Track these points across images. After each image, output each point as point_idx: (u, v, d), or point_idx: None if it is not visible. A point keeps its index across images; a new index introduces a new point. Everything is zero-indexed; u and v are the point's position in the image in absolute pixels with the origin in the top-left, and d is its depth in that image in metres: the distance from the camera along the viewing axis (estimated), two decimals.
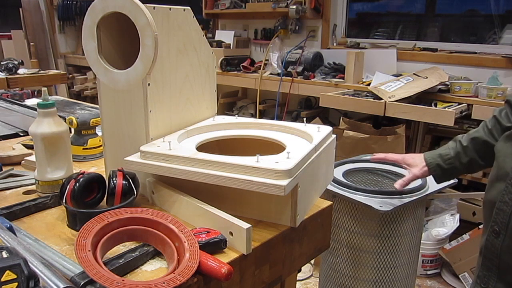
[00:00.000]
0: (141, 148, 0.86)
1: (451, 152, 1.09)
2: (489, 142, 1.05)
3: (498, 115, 1.07)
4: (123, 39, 0.95)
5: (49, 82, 3.01)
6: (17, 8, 4.84)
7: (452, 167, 1.08)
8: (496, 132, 1.05)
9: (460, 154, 1.07)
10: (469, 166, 1.08)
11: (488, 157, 1.05)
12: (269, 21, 3.83)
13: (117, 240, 0.72)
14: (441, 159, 1.08)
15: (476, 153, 1.06)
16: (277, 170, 0.75)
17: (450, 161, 1.08)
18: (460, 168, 1.08)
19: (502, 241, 0.89)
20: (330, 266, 1.69)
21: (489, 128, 1.08)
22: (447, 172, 1.08)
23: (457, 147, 1.09)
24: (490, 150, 1.03)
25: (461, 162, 1.07)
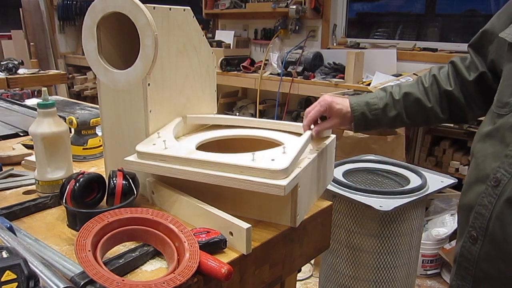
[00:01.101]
0: (137, 148, 0.86)
1: (379, 103, 0.98)
2: (421, 101, 0.98)
3: (438, 74, 1.00)
4: (123, 39, 0.95)
5: (49, 82, 3.01)
6: (17, 8, 4.84)
7: (376, 118, 0.98)
8: (432, 93, 0.98)
9: (388, 107, 0.98)
10: (393, 121, 0.99)
11: (415, 116, 0.99)
12: (269, 21, 3.83)
13: (117, 240, 0.72)
14: (367, 107, 0.97)
15: (404, 109, 0.98)
16: (272, 170, 0.75)
17: (376, 112, 0.97)
18: (383, 121, 0.98)
19: (480, 247, 0.82)
20: (330, 266, 1.69)
21: (425, 86, 0.99)
22: (369, 123, 0.98)
23: (387, 98, 0.99)
24: (420, 109, 0.98)
25: (386, 115, 0.98)
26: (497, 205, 0.79)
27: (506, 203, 0.78)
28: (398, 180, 1.72)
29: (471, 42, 0.98)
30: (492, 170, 0.81)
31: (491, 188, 0.81)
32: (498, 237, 0.79)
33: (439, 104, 0.98)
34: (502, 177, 0.78)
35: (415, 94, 0.98)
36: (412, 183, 1.62)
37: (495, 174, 0.80)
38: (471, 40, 0.98)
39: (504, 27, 0.86)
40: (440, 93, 0.98)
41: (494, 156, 0.82)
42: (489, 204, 0.80)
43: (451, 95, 0.98)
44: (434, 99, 0.98)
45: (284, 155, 0.81)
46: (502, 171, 0.79)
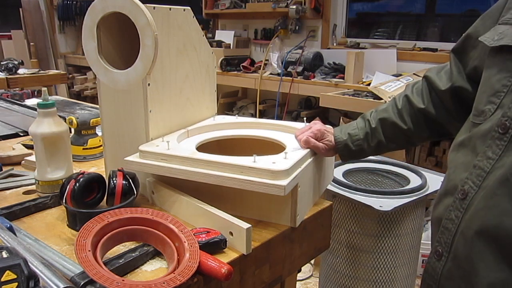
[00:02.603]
0: (140, 148, 0.86)
1: (360, 133, 0.97)
2: (397, 124, 0.96)
3: (410, 93, 0.98)
4: (123, 39, 0.95)
5: (49, 82, 3.01)
6: (17, 8, 4.84)
7: (360, 149, 0.97)
8: (406, 114, 0.96)
9: (368, 136, 0.97)
10: (377, 148, 0.98)
11: (396, 140, 0.98)
12: (269, 21, 3.83)
13: (117, 240, 0.72)
14: (350, 139, 0.97)
15: (383, 136, 0.97)
16: (273, 171, 0.75)
17: (358, 143, 0.97)
18: (367, 150, 0.98)
19: (443, 264, 0.78)
20: (330, 266, 1.69)
21: (399, 108, 0.97)
22: (353, 153, 0.97)
23: (366, 127, 0.98)
24: (398, 132, 0.96)
25: (369, 144, 0.97)
26: (463, 219, 0.74)
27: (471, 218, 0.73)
28: (398, 180, 1.72)
29: (454, 47, 0.95)
30: (460, 181, 0.76)
31: (458, 201, 0.76)
32: (460, 255, 0.74)
33: (415, 124, 0.96)
34: (469, 189, 0.74)
35: (390, 119, 0.97)
36: (412, 183, 1.62)
37: (462, 186, 0.75)
38: (455, 45, 0.95)
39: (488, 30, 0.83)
40: (415, 113, 0.96)
41: (464, 166, 0.77)
42: (455, 219, 0.76)
43: (425, 113, 0.95)
44: (410, 120, 0.96)
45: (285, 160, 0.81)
46: (470, 182, 0.74)
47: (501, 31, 0.76)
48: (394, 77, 2.76)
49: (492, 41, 0.77)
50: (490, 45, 0.77)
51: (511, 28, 0.75)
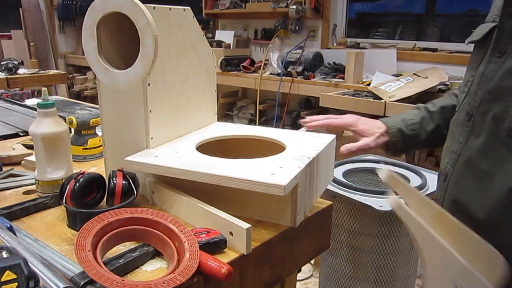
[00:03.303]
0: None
1: (415, 117, 0.95)
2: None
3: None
4: (123, 39, 0.95)
5: (49, 82, 3.01)
6: (17, 8, 4.84)
7: (414, 134, 0.93)
8: None
9: (425, 120, 0.95)
10: (432, 136, 0.95)
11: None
12: (269, 21, 3.83)
13: (117, 240, 0.72)
14: (403, 123, 0.93)
15: (442, 120, 0.94)
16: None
17: (413, 127, 0.93)
18: (423, 137, 0.94)
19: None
20: (330, 266, 1.69)
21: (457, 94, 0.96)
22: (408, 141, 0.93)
23: (422, 112, 0.96)
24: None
25: (425, 129, 0.94)
26: (445, 199, 0.82)
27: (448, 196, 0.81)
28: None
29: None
30: (443, 165, 0.85)
31: (441, 182, 0.84)
32: None
33: None
34: (448, 171, 0.82)
35: (451, 103, 0.95)
36: (412, 183, 1.62)
37: (444, 169, 0.84)
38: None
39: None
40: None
41: (446, 151, 0.86)
42: (440, 198, 0.84)
43: None
44: None
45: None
46: (448, 166, 0.83)
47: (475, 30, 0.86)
48: (394, 77, 2.76)
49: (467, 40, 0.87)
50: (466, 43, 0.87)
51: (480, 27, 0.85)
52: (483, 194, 0.76)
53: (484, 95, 0.76)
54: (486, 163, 0.75)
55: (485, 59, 0.80)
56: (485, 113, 0.76)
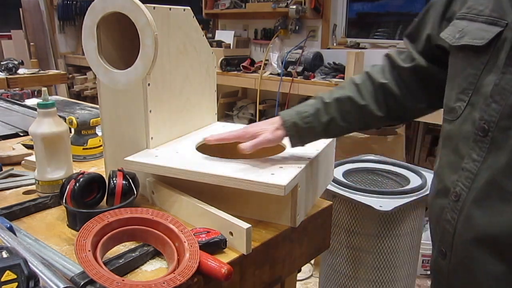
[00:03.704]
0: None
1: (310, 109, 0.90)
2: (354, 99, 0.89)
3: (370, 70, 0.94)
4: (123, 39, 0.95)
5: (49, 82, 3.01)
6: (17, 8, 4.84)
7: (309, 126, 0.89)
8: (365, 89, 0.90)
9: (319, 112, 0.89)
10: (327, 127, 0.90)
11: (349, 117, 0.90)
12: (269, 21, 3.83)
13: (117, 240, 0.72)
14: (298, 116, 0.89)
15: (337, 112, 0.89)
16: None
17: (308, 120, 0.89)
18: (318, 129, 0.89)
19: (448, 263, 0.80)
20: (330, 266, 1.69)
21: (357, 83, 0.91)
22: (302, 133, 0.89)
23: (317, 103, 0.91)
24: (354, 108, 0.89)
25: (320, 121, 0.89)
26: (459, 220, 0.77)
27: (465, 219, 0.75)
28: (398, 180, 1.72)
29: (406, 32, 0.93)
30: (451, 183, 0.78)
31: (452, 202, 0.78)
32: (460, 254, 0.78)
33: (374, 99, 0.90)
34: (461, 191, 0.76)
35: (346, 94, 0.90)
36: (412, 183, 1.62)
37: (454, 188, 0.77)
38: (407, 31, 0.93)
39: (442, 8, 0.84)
40: (375, 88, 0.90)
41: (451, 167, 0.79)
42: (452, 220, 0.78)
43: (386, 88, 0.90)
44: (368, 95, 0.90)
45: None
46: (460, 185, 0.76)
47: (461, 28, 0.77)
48: None
49: (454, 39, 0.78)
50: (453, 43, 0.79)
51: (470, 24, 0.76)
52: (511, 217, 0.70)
53: (505, 109, 0.70)
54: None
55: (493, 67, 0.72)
56: (508, 129, 0.70)
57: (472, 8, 0.77)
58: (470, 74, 0.76)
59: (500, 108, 0.70)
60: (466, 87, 0.76)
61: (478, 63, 0.75)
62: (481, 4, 0.76)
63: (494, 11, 0.73)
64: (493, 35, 0.72)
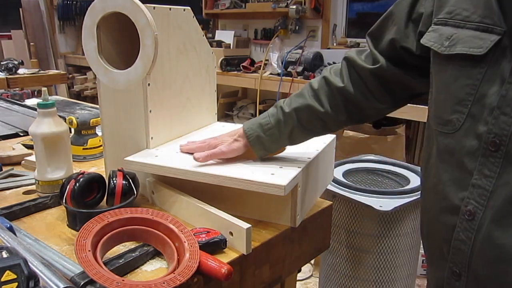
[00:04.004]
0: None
1: (271, 120, 0.89)
2: (313, 107, 0.88)
3: (328, 74, 0.91)
4: (123, 39, 0.95)
5: (49, 82, 3.01)
6: (17, 8, 4.84)
7: (272, 138, 0.89)
8: (324, 95, 0.89)
9: (280, 123, 0.89)
10: (291, 136, 0.89)
11: (311, 125, 0.89)
12: (269, 21, 3.83)
13: (117, 240, 0.72)
14: (261, 129, 0.88)
15: (298, 121, 0.89)
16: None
17: (270, 132, 0.88)
18: (281, 138, 0.89)
19: (464, 284, 0.75)
20: (330, 266, 1.69)
21: (315, 89, 0.89)
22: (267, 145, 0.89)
23: (278, 113, 0.90)
24: (314, 116, 0.88)
25: (282, 131, 0.89)
26: (476, 240, 0.72)
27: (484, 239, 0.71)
28: (398, 180, 1.72)
29: (370, 31, 0.90)
30: (460, 201, 0.73)
31: (465, 222, 0.73)
32: (481, 275, 0.72)
33: (333, 105, 0.88)
34: (475, 209, 0.71)
35: (305, 103, 0.89)
36: (412, 183, 1.62)
37: (466, 206, 0.72)
38: (371, 29, 0.90)
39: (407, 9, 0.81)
40: (333, 93, 0.89)
41: (455, 183, 0.74)
42: (467, 240, 0.73)
43: (344, 92, 0.88)
44: (327, 101, 0.88)
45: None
46: (474, 202, 0.71)
47: (449, 35, 0.73)
48: None
49: (443, 47, 0.74)
50: (442, 52, 0.74)
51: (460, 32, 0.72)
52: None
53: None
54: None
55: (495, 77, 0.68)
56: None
57: (455, 13, 0.73)
58: (467, 85, 0.71)
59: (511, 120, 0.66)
60: (463, 98, 0.72)
61: (475, 73, 0.70)
62: (464, 9, 0.72)
63: (485, 17, 0.69)
64: (492, 44, 0.68)
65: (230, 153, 0.88)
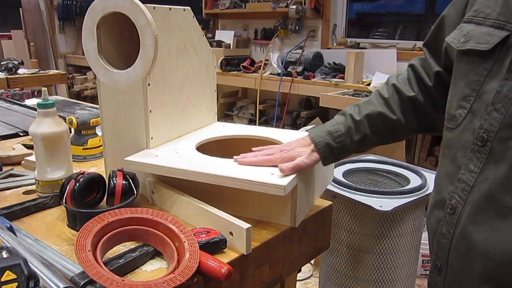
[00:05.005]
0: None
1: (341, 127, 0.89)
2: (385, 115, 0.88)
3: (397, 82, 0.91)
4: (123, 39, 0.95)
5: (49, 82, 3.01)
6: (17, 8, 4.84)
7: (342, 145, 0.88)
8: (394, 103, 0.89)
9: (351, 130, 0.88)
10: (361, 144, 0.89)
11: (382, 133, 0.90)
12: (269, 21, 3.83)
13: (117, 240, 0.72)
14: (330, 136, 0.88)
15: (369, 128, 0.88)
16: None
17: (340, 139, 0.88)
18: (350, 147, 0.89)
19: (443, 279, 0.77)
20: (330, 266, 1.69)
21: (385, 98, 0.90)
22: (336, 153, 0.88)
23: (348, 121, 0.89)
24: (386, 124, 0.89)
25: (353, 139, 0.88)
26: (455, 234, 0.73)
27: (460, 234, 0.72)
28: (398, 180, 1.72)
29: (425, 40, 0.91)
30: (448, 194, 0.74)
31: (448, 215, 0.74)
32: (456, 270, 0.74)
33: (404, 114, 0.89)
34: (457, 204, 0.72)
35: (376, 110, 0.89)
36: (412, 183, 1.62)
37: (450, 200, 0.74)
38: (426, 38, 0.91)
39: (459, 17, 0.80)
40: (403, 101, 0.89)
41: (448, 178, 0.76)
42: (447, 234, 0.74)
43: (415, 101, 0.88)
44: (398, 110, 0.89)
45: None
46: (456, 197, 0.73)
47: (467, 31, 0.74)
48: None
49: (458, 43, 0.75)
50: (457, 47, 0.75)
51: (476, 28, 0.73)
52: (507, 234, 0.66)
53: (506, 118, 0.66)
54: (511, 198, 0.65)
55: (496, 73, 0.68)
56: (507, 139, 0.66)
57: (479, 11, 0.74)
58: (473, 81, 0.72)
59: (501, 117, 0.66)
60: (468, 94, 0.73)
61: (481, 69, 0.71)
62: (488, 7, 0.72)
63: (501, 15, 0.69)
64: (498, 40, 0.68)
65: (312, 165, 0.86)
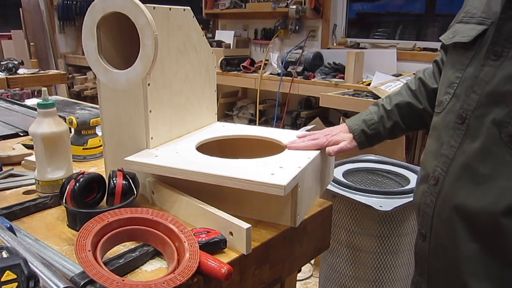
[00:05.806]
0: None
1: (374, 116, 1.02)
2: (413, 104, 1.01)
3: (423, 76, 1.03)
4: (123, 39, 0.95)
5: (49, 82, 3.01)
6: (17, 8, 4.84)
7: (375, 132, 1.01)
8: (421, 95, 1.01)
9: (383, 118, 1.02)
10: (392, 131, 1.02)
11: (411, 120, 1.02)
12: (269, 21, 3.83)
13: (117, 240, 0.72)
14: (365, 124, 1.01)
15: (399, 117, 1.01)
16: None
17: (374, 126, 1.01)
18: (383, 133, 1.02)
19: (428, 244, 0.87)
20: (330, 266, 1.69)
21: (413, 89, 1.02)
22: (370, 138, 1.01)
23: (380, 111, 1.03)
24: (414, 112, 1.01)
25: (385, 126, 1.01)
26: (437, 203, 0.83)
27: (442, 200, 0.82)
28: (398, 180, 1.72)
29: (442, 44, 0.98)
30: (431, 169, 0.85)
31: (431, 187, 0.84)
32: (440, 234, 0.84)
33: (430, 103, 0.99)
34: (439, 175, 0.83)
35: (405, 100, 1.01)
36: (412, 183, 1.62)
37: (433, 173, 0.84)
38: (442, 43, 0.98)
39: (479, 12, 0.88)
40: (428, 93, 1.00)
41: (433, 154, 0.86)
42: (431, 203, 0.85)
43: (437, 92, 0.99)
44: (425, 100, 1.00)
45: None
46: (439, 170, 0.83)
47: (455, 29, 0.87)
48: (394, 77, 2.76)
49: (448, 39, 0.88)
50: (446, 43, 0.88)
51: (463, 26, 0.85)
52: (482, 198, 0.76)
53: (481, 98, 0.76)
54: (485, 167, 0.75)
55: (475, 61, 0.79)
56: (482, 116, 0.76)
57: (468, 12, 0.85)
58: (458, 69, 0.83)
59: (477, 97, 0.77)
60: (453, 81, 0.84)
61: (464, 58, 0.82)
62: (475, 7, 0.83)
63: (483, 13, 0.80)
64: (478, 32, 0.79)
65: (353, 149, 1.00)
